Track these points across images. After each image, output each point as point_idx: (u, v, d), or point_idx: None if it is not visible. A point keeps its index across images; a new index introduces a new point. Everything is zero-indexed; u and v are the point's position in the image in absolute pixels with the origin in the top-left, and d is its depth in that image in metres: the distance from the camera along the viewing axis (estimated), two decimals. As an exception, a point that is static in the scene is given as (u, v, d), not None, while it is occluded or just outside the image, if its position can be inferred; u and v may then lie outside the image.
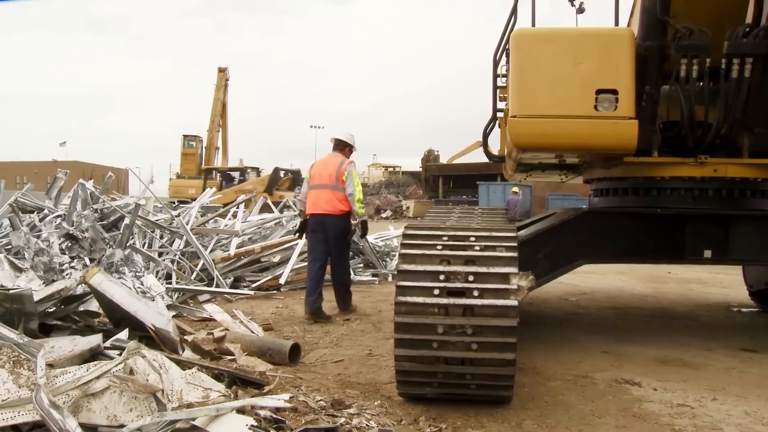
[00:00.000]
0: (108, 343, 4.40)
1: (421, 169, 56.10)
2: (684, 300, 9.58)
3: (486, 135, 6.75)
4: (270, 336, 6.58)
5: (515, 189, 26.85)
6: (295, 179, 34.56)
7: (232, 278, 9.67)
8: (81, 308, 5.41)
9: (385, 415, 4.17)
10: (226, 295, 8.85)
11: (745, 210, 5.98)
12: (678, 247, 5.93)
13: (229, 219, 11.42)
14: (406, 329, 4.10)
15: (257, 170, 37.40)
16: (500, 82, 6.77)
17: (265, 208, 13.25)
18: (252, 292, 8.89)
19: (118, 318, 5.00)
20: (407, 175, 57.85)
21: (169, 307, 7.60)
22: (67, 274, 7.14)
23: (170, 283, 8.71)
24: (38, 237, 8.56)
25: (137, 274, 7.88)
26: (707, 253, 5.92)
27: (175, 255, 9.24)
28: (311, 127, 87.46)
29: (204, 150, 40.61)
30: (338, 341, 6.51)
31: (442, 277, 4.11)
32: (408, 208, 44.38)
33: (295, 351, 5.62)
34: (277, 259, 10.06)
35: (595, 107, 5.24)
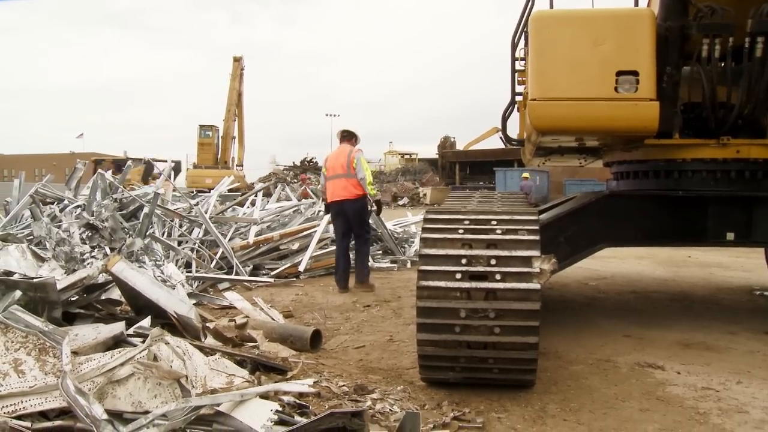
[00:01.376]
0: (131, 331, 4.43)
1: (437, 156, 55.99)
2: (705, 284, 9.49)
3: (505, 119, 6.69)
4: (291, 323, 6.61)
5: (526, 174, 26.74)
6: (175, 169, 35.06)
7: (252, 266, 9.71)
8: (103, 297, 5.45)
9: (408, 400, 4.17)
10: (245, 283, 8.89)
11: (768, 191, 5.90)
12: (700, 230, 5.87)
13: (248, 207, 11.45)
14: (428, 314, 4.09)
15: (141, 161, 37.49)
16: (519, 65, 6.71)
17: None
18: (271, 280, 8.92)
19: (140, 306, 5.02)
20: (424, 162, 57.72)
21: (189, 295, 7.65)
22: (88, 263, 7.19)
23: (190, 272, 8.76)
24: (59, 227, 8.62)
25: (157, 262, 7.92)
26: (730, 236, 5.85)
27: (195, 244, 9.27)
28: (327, 115, 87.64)
29: (220, 140, 40.71)
30: (359, 327, 6.52)
31: (464, 261, 4.09)
32: (425, 195, 44.29)
33: (317, 337, 5.64)
34: (296, 246, 10.08)
35: (616, 89, 5.17)
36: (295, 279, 9.51)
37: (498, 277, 4.01)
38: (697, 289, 8.99)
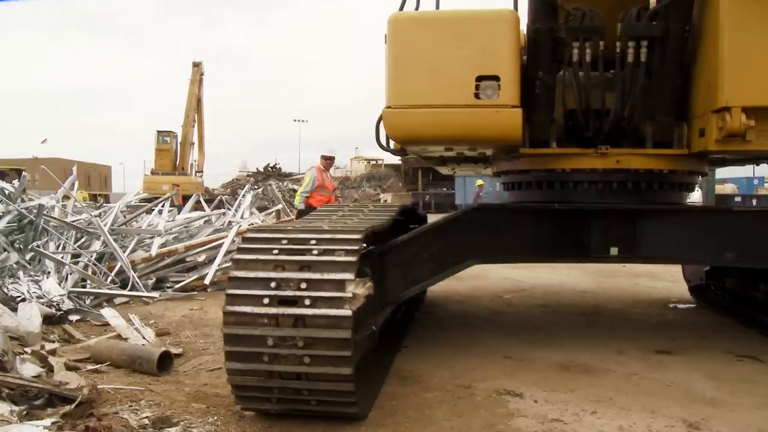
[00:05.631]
0: None
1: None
2: (623, 295, 9.20)
3: (379, 126, 6.32)
4: (161, 341, 6.23)
5: (479, 182, 26.46)
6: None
7: (155, 279, 9.27)
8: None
9: (211, 436, 3.79)
10: (144, 298, 8.46)
11: (652, 204, 5.61)
12: (582, 245, 5.54)
13: (154, 217, 10.97)
14: (235, 341, 3.73)
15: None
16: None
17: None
18: (157, 295, 8.46)
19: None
20: (389, 168, 57.30)
21: (72, 311, 7.26)
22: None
23: (85, 287, 8.33)
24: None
25: (35, 278, 7.47)
26: (614, 251, 5.53)
27: (90, 257, 8.80)
28: (295, 120, 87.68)
29: (179, 146, 40.02)
30: (229, 348, 6.12)
31: (273, 284, 3.72)
32: (386, 201, 43.92)
33: (167, 359, 5.26)
34: (202, 258, 9.66)
35: (477, 95, 4.85)
36: (198, 292, 9.09)
37: (307, 302, 3.64)
38: (612, 302, 8.70)
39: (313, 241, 3.89)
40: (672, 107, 5.27)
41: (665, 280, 10.59)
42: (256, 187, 38.38)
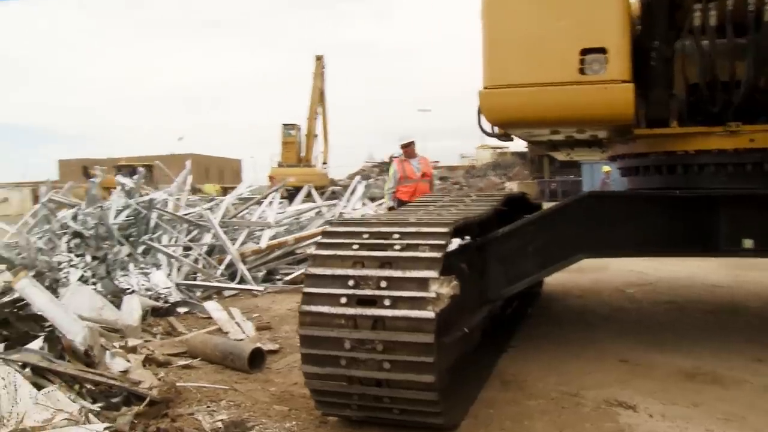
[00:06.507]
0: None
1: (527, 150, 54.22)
2: (763, 292, 8.26)
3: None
4: (259, 336, 6.15)
5: (606, 168, 25.14)
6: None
7: (265, 271, 9.29)
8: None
9: (287, 442, 3.57)
10: (253, 291, 8.49)
11: (794, 188, 4.89)
12: (709, 237, 4.90)
13: (265, 209, 11.02)
14: (311, 343, 3.49)
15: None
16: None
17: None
18: (263, 288, 8.45)
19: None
20: (515, 156, 56.07)
21: (179, 303, 7.35)
22: (65, 273, 6.95)
23: (195, 279, 8.47)
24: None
25: (144, 270, 7.61)
26: (747, 243, 4.86)
27: (201, 250, 8.92)
28: (419, 110, 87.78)
29: (303, 138, 40.77)
30: (326, 344, 5.93)
31: (351, 282, 3.44)
32: (511, 189, 42.89)
33: (259, 356, 5.13)
34: (312, 250, 9.57)
35: (581, 70, 4.36)
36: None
37: (387, 302, 3.33)
38: (750, 299, 7.82)
39: (396, 236, 3.58)
40: None
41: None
42: (368, 177, 38.34)
